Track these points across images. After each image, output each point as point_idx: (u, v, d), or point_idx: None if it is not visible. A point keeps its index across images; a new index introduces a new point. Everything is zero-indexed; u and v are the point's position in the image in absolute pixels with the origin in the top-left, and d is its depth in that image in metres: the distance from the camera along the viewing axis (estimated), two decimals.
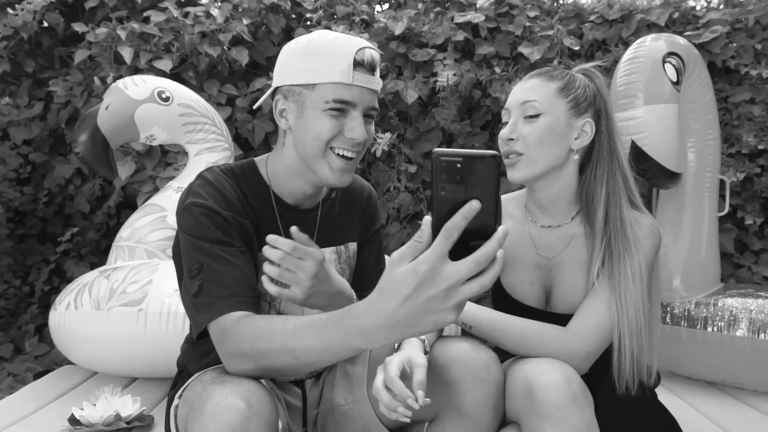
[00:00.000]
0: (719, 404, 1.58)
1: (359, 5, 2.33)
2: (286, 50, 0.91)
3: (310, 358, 0.69)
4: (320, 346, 0.67)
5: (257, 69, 2.39)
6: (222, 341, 0.78)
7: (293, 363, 0.71)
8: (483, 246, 0.53)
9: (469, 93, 2.27)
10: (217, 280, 0.81)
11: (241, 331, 0.76)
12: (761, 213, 2.23)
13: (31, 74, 2.39)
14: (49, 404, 1.49)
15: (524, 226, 1.08)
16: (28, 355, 2.16)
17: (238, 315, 0.79)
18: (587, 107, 1.01)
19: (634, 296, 0.93)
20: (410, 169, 2.26)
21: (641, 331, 0.93)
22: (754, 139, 2.19)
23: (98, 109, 1.68)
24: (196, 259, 0.83)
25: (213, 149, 1.81)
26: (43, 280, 2.35)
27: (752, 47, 2.22)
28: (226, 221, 0.86)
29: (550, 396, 0.81)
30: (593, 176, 1.01)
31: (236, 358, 0.76)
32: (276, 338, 0.71)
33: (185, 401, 0.81)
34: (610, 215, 0.98)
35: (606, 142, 1.01)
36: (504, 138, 1.01)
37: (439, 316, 0.56)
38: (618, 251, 0.95)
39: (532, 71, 1.06)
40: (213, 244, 0.84)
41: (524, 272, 1.06)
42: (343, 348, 0.65)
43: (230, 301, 0.80)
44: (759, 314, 1.59)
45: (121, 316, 1.50)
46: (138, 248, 1.68)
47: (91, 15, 2.37)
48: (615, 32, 2.32)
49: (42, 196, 2.40)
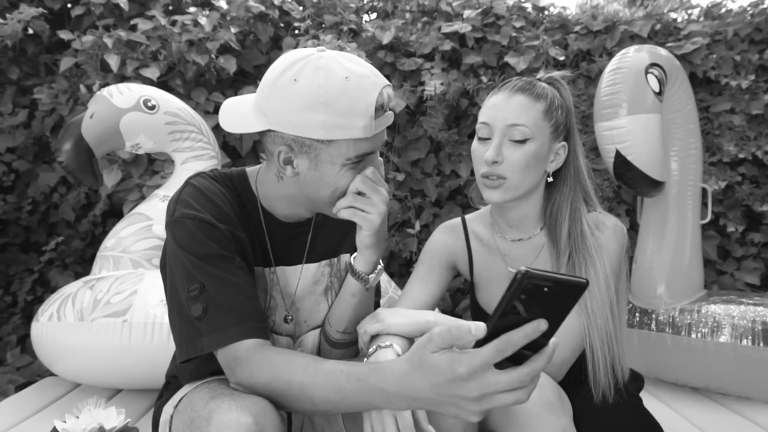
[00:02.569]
0: (703, 409, 1.60)
1: (347, 15, 2.35)
2: (283, 90, 0.77)
3: (328, 407, 0.70)
4: (340, 399, 0.67)
5: (245, 77, 2.39)
6: (235, 370, 0.77)
7: (309, 408, 0.72)
8: (531, 362, 0.51)
9: (456, 102, 2.29)
10: (224, 305, 0.78)
11: (258, 365, 0.75)
12: (743, 220, 2.27)
13: (16, 81, 2.36)
14: (31, 417, 1.47)
15: (494, 242, 1.08)
16: (10, 367, 2.12)
17: (251, 343, 0.77)
18: (563, 129, 1.01)
19: (601, 305, 0.93)
20: (398, 178, 2.27)
21: (612, 338, 0.94)
22: (734, 148, 2.24)
23: (82, 117, 1.66)
24: (195, 278, 0.79)
25: (200, 157, 1.80)
26: (26, 290, 2.32)
27: (731, 58, 2.27)
28: (223, 234, 0.81)
29: (524, 405, 0.80)
30: (560, 193, 1.02)
31: (249, 388, 0.75)
32: (295, 382, 0.71)
33: (185, 412, 0.78)
34: (572, 232, 0.98)
35: (573, 161, 1.02)
36: (488, 160, 0.96)
37: (464, 413, 0.56)
38: (579, 263, 0.95)
39: (511, 80, 1.02)
40: (212, 262, 0.79)
41: (498, 288, 1.06)
42: (363, 404, 0.66)
43: (241, 327, 0.77)
44: (741, 320, 1.61)
45: (105, 328, 1.48)
46: (123, 258, 1.66)
47: (77, 22, 2.36)
48: (599, 43, 2.36)
49: (26, 205, 2.37)
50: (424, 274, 1.07)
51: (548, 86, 1.01)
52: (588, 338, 0.92)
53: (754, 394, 1.65)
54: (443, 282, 1.08)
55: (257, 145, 2.29)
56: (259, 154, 2.24)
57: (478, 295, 1.10)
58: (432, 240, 1.12)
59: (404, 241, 2.31)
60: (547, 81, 1.02)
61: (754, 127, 2.27)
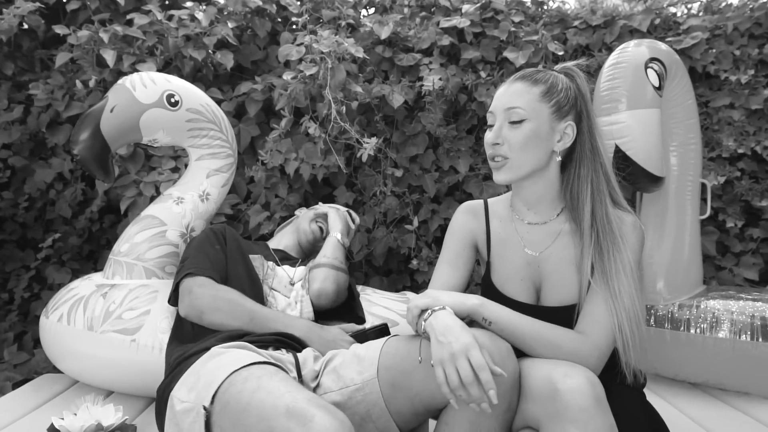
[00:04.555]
0: (702, 405, 1.60)
1: (345, 9, 2.33)
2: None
3: (254, 317, 1.25)
4: (261, 314, 1.26)
5: (242, 73, 2.37)
6: (184, 298, 1.28)
7: (246, 316, 1.25)
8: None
9: (454, 97, 2.28)
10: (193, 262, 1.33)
11: (203, 289, 1.27)
12: (742, 216, 2.26)
13: (11, 77, 2.34)
14: (29, 414, 1.46)
15: (512, 224, 1.11)
16: (7, 364, 2.12)
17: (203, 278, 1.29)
18: (569, 110, 1.03)
19: (628, 288, 0.95)
20: (396, 174, 2.26)
21: (639, 320, 0.95)
22: (734, 143, 2.23)
23: (102, 109, 1.56)
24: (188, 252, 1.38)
25: (216, 155, 1.76)
26: (22, 287, 2.30)
27: (731, 53, 2.26)
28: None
29: (575, 398, 0.81)
30: (577, 175, 1.04)
31: (196, 308, 1.25)
32: (229, 296, 1.26)
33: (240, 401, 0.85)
34: (596, 213, 1.01)
35: (588, 141, 1.04)
36: (490, 143, 1.05)
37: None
38: (607, 247, 0.98)
39: (516, 72, 1.08)
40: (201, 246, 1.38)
41: (514, 269, 1.08)
42: (275, 322, 1.24)
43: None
44: (740, 316, 1.61)
45: (113, 342, 1.47)
46: (137, 266, 1.62)
47: (72, 17, 2.34)
48: (598, 38, 2.35)
49: (22, 201, 2.35)
50: (451, 257, 1.11)
51: (555, 73, 1.06)
52: (617, 319, 0.94)
53: (752, 390, 1.65)
54: (470, 263, 1.13)
55: (255, 141, 2.28)
56: (256, 151, 2.23)
57: (493, 275, 1.11)
58: (454, 222, 1.15)
59: (402, 238, 2.30)
60: (561, 71, 1.08)
61: (754, 122, 2.27)
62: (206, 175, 1.74)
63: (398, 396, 0.94)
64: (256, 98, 2.21)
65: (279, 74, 2.22)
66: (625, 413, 0.91)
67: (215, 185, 1.75)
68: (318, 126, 2.06)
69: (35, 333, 2.25)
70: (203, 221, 1.74)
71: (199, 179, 1.73)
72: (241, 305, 1.23)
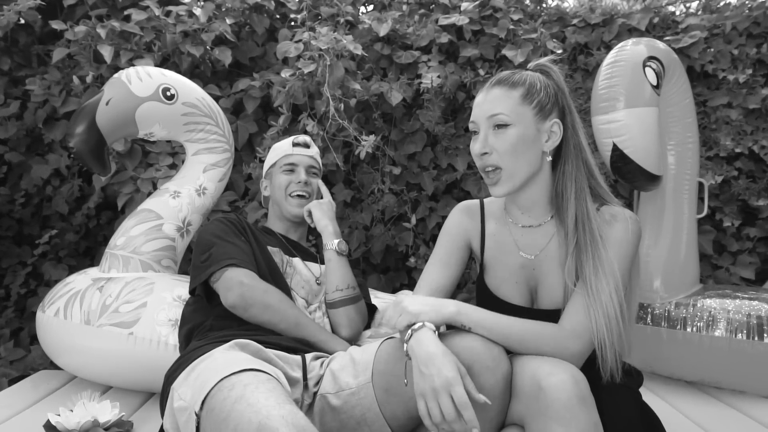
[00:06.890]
0: (698, 403, 1.61)
1: (344, 6, 2.33)
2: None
3: (296, 320, 1.20)
4: (304, 321, 1.23)
5: (241, 69, 2.37)
6: (232, 291, 1.19)
7: (292, 316, 1.20)
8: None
9: (453, 95, 2.28)
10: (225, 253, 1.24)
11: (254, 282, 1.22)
12: (739, 215, 2.27)
13: (7, 72, 2.33)
14: (25, 410, 1.46)
15: (506, 227, 1.10)
16: (3, 360, 2.11)
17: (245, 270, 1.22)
18: (552, 108, 1.02)
19: (606, 286, 0.94)
20: (394, 171, 2.26)
21: (619, 318, 0.94)
22: (731, 142, 2.23)
23: (98, 102, 1.56)
24: (210, 245, 1.27)
25: (213, 150, 1.76)
26: (19, 284, 2.30)
27: (729, 52, 2.26)
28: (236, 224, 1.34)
29: (559, 396, 0.81)
30: (562, 172, 1.03)
31: (247, 300, 1.18)
32: (278, 297, 1.21)
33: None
34: (578, 211, 1.00)
35: (572, 137, 1.03)
36: (477, 153, 1.01)
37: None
38: (585, 244, 0.98)
39: (491, 78, 1.05)
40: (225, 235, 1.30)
41: (509, 272, 1.07)
42: (313, 331, 1.22)
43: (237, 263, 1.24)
44: (736, 315, 1.62)
45: (111, 336, 1.47)
46: (133, 259, 1.62)
47: (69, 12, 2.33)
48: (597, 36, 2.35)
49: (18, 197, 2.34)
50: (443, 256, 1.10)
51: (531, 73, 1.04)
52: (593, 317, 0.93)
53: (748, 388, 1.66)
54: (462, 263, 1.11)
55: (252, 137, 2.27)
56: (254, 148, 2.22)
57: (487, 277, 1.10)
58: (450, 221, 1.14)
59: (400, 235, 2.30)
60: (535, 69, 1.06)
61: (751, 121, 2.27)
62: (203, 170, 1.74)
63: (392, 400, 0.94)
64: (254, 95, 2.20)
65: (277, 71, 2.21)
66: (617, 412, 0.90)
67: (212, 180, 1.75)
68: (316, 123, 2.06)
69: (32, 329, 2.24)
70: (200, 215, 1.73)
71: (195, 174, 1.73)
72: (290, 308, 1.19)
